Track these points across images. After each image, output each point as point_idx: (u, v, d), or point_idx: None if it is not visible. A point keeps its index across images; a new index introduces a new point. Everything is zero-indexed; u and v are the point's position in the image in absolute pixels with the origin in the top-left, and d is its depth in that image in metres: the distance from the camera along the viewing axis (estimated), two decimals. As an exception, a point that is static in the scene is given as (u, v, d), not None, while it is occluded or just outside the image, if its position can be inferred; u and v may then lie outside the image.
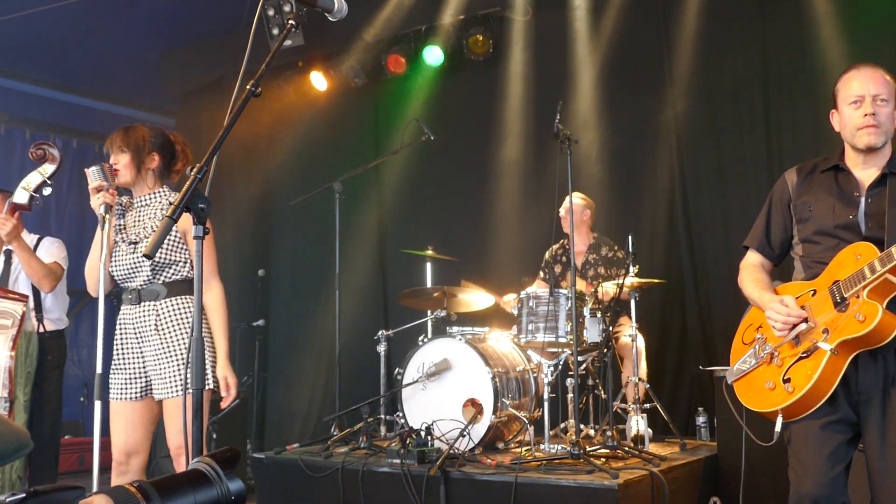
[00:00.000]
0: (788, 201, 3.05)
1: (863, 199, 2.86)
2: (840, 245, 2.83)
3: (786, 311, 2.83)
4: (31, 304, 4.81)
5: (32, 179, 4.16)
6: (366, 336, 6.31)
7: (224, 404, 3.56)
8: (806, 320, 2.80)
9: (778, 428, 2.77)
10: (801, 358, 2.76)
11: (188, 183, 2.07)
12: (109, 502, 1.07)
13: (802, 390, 2.69)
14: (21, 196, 4.16)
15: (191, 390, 2.13)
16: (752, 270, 3.13)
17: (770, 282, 3.07)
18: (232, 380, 3.50)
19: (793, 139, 5.81)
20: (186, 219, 2.17)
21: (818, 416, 2.73)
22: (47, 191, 4.20)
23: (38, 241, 4.94)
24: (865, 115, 2.84)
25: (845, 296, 2.72)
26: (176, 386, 3.45)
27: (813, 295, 2.86)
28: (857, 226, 2.84)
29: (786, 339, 2.82)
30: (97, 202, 3.46)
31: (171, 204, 3.57)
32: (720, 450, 4.81)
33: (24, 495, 1.01)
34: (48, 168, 4.16)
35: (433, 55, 7.19)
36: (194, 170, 2.09)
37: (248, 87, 2.20)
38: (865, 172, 2.92)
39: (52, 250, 4.89)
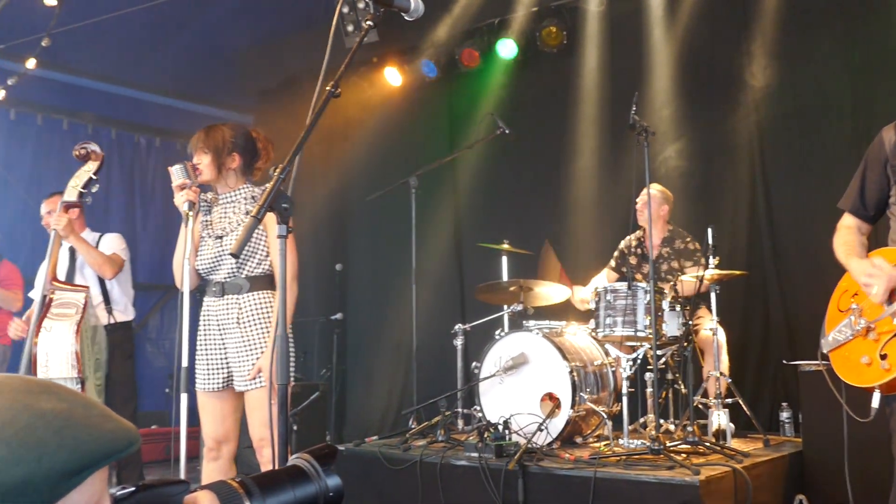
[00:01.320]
0: (885, 160, 2.91)
1: None
2: None
3: (885, 275, 2.72)
4: (101, 296, 5.03)
5: (80, 178, 4.37)
6: (442, 330, 6.33)
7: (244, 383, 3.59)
8: (893, 292, 2.68)
9: (875, 404, 2.69)
10: None
11: (271, 183, 2.11)
12: (213, 498, 1.09)
13: None
14: (70, 194, 4.37)
15: (276, 385, 2.18)
16: (844, 233, 3.02)
17: (862, 246, 2.96)
18: (265, 372, 3.53)
19: (879, 129, 5.61)
20: (269, 217, 2.22)
21: None
22: (94, 187, 4.40)
23: (100, 237, 5.14)
24: None
25: None
26: (256, 379, 3.52)
27: None
28: None
29: (883, 314, 2.71)
30: (180, 199, 3.54)
31: (254, 199, 3.68)
32: (806, 446, 4.70)
33: (133, 489, 1.04)
34: (92, 165, 4.38)
35: (507, 48, 7.17)
36: (277, 170, 2.13)
37: (327, 88, 2.22)
38: None
39: (111, 243, 5.09)
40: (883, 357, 2.66)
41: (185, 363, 3.42)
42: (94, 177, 4.37)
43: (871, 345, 2.72)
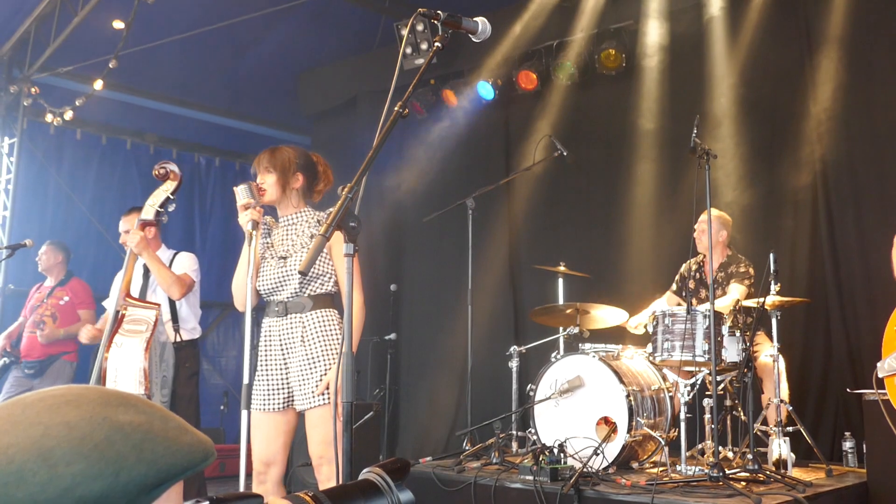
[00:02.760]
0: None
1: None
2: None
3: None
4: (169, 314, 5.10)
5: (157, 197, 4.45)
6: (497, 352, 6.32)
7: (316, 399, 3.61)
8: None
9: None
10: None
11: (340, 202, 2.14)
12: None
13: None
14: (148, 212, 4.46)
15: (340, 403, 2.19)
16: None
17: None
18: (331, 386, 3.56)
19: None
20: (335, 235, 2.25)
21: None
22: (171, 206, 4.49)
23: (174, 255, 5.22)
24: None
25: None
26: (319, 396, 3.54)
27: None
28: None
29: None
30: (245, 219, 3.58)
31: (318, 222, 3.72)
32: (870, 476, 4.58)
33: (207, 502, 1.05)
34: (170, 185, 4.46)
35: (565, 70, 7.18)
36: (345, 189, 2.16)
37: (396, 108, 2.25)
38: None
39: (184, 263, 5.16)
40: None
41: (245, 380, 3.46)
42: (171, 196, 4.46)
43: None
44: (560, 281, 5.98)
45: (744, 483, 4.26)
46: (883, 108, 5.79)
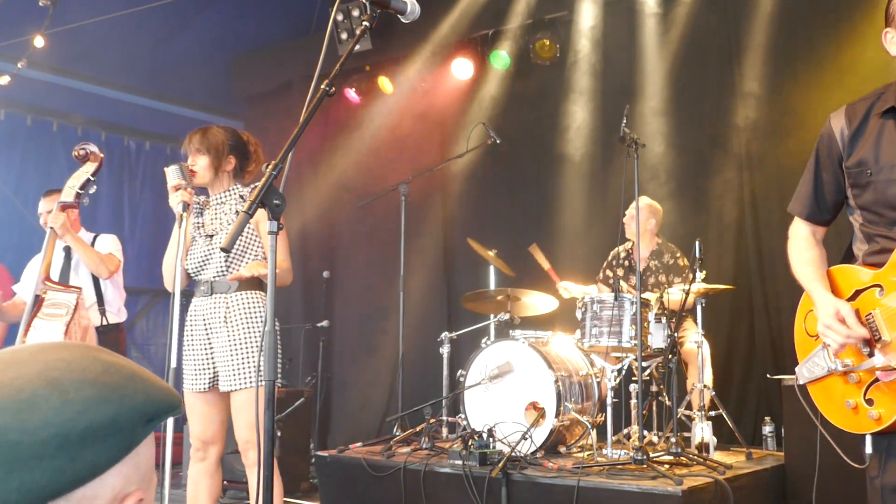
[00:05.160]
0: (839, 157, 2.41)
1: None
2: None
3: (845, 333, 2.26)
4: (94, 297, 5.00)
5: (77, 178, 4.36)
6: (429, 338, 6.35)
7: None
8: (869, 342, 2.25)
9: (869, 450, 2.30)
10: (879, 380, 2.24)
11: (263, 179, 2.12)
12: None
13: (890, 419, 2.19)
14: (68, 194, 4.37)
15: (262, 382, 2.18)
16: (802, 248, 2.54)
17: (823, 263, 2.51)
18: (257, 268, 3.54)
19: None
20: (260, 213, 2.23)
21: None
22: (92, 189, 4.42)
23: (95, 237, 5.13)
24: None
25: None
26: (242, 378, 3.52)
27: (880, 294, 2.26)
28: None
29: (862, 366, 2.28)
30: (175, 200, 3.53)
31: (243, 199, 3.69)
32: (788, 460, 4.72)
33: None
34: (91, 167, 4.39)
35: (499, 59, 7.22)
36: (269, 166, 2.14)
37: (322, 86, 2.24)
38: None
39: (107, 243, 5.08)
40: (869, 403, 2.25)
41: (173, 363, 3.42)
42: (91, 178, 4.37)
43: (853, 389, 2.31)
44: (492, 268, 6.02)
45: (667, 466, 4.35)
46: (806, 104, 5.94)
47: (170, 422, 3.40)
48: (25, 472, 0.87)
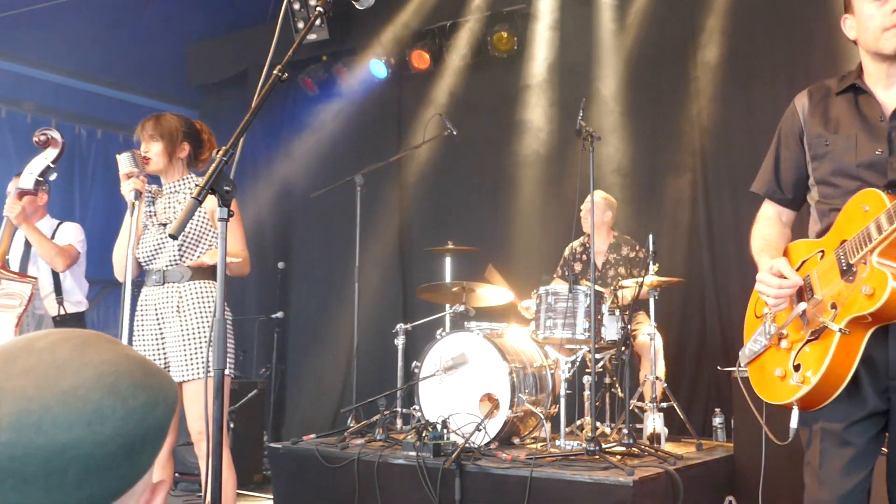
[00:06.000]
0: (800, 133, 2.51)
1: (889, 129, 2.31)
2: (863, 188, 2.27)
3: (776, 284, 2.32)
4: (52, 286, 4.90)
5: (37, 165, 4.25)
6: (384, 329, 6.33)
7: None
8: (802, 292, 2.31)
9: (794, 424, 2.30)
10: (809, 340, 2.26)
11: (213, 165, 2.10)
12: None
13: (814, 381, 2.20)
14: (27, 181, 4.26)
15: (211, 372, 2.16)
16: (762, 225, 2.65)
17: (780, 239, 2.59)
18: (209, 258, 3.48)
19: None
20: (213, 201, 2.20)
21: (840, 417, 2.26)
22: (53, 175, 4.31)
23: (58, 225, 5.02)
24: (893, 11, 2.24)
25: (851, 262, 2.19)
26: (194, 368, 3.48)
27: (821, 258, 2.33)
28: (885, 163, 2.28)
29: (790, 317, 2.33)
30: (127, 188, 3.48)
31: (196, 186, 3.64)
32: (736, 450, 4.79)
33: None
34: (51, 153, 4.26)
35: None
36: (220, 152, 2.12)
37: (275, 72, 2.22)
38: (889, 93, 2.35)
39: (69, 233, 4.97)
40: (796, 368, 2.28)
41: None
42: (51, 165, 4.25)
43: (783, 355, 2.35)
44: (448, 259, 6.02)
45: (619, 457, 4.39)
46: (760, 100, 6.02)
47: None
48: (95, 482, 0.87)
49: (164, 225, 3.61)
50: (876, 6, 2.28)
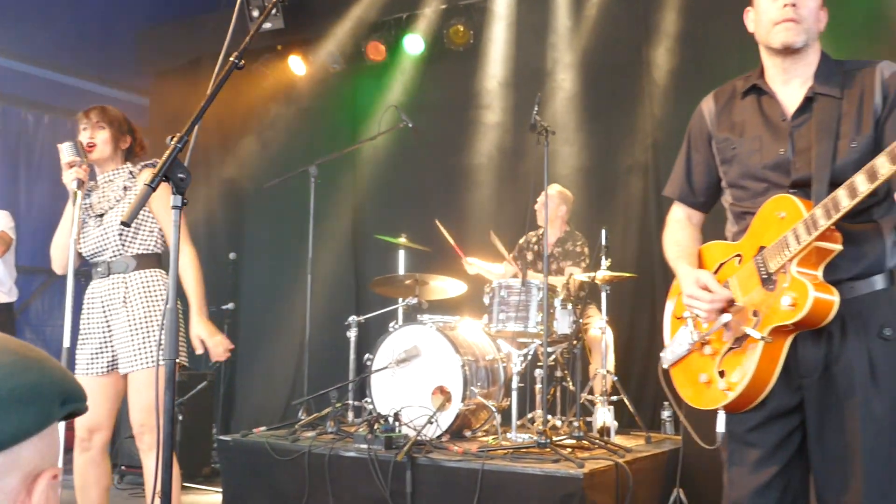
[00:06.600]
0: (709, 137, 2.52)
1: (791, 129, 2.32)
2: (770, 190, 2.31)
3: (708, 298, 2.32)
4: None
5: None
6: (336, 321, 6.30)
7: (213, 359, 3.54)
8: (732, 304, 2.31)
9: (721, 428, 2.34)
10: (732, 348, 2.29)
11: (167, 152, 2.06)
12: None
13: (739, 388, 2.23)
14: None
15: (163, 361, 2.13)
16: (674, 229, 2.65)
17: (695, 242, 2.59)
18: (209, 338, 3.46)
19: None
20: (160, 190, 2.17)
21: (740, 421, 2.33)
22: None
23: None
24: (785, 6, 2.28)
25: (771, 271, 2.21)
26: (142, 359, 3.43)
27: (739, 262, 2.35)
28: (789, 164, 2.29)
29: (714, 327, 2.35)
30: (69, 177, 3.45)
31: (131, 174, 3.60)
32: (684, 444, 4.86)
33: None
34: None
35: (413, 43, 7.20)
36: (174, 139, 2.08)
37: (231, 58, 2.19)
38: (788, 90, 2.37)
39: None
40: (721, 374, 2.30)
41: (66, 343, 3.31)
42: None
43: (707, 361, 2.36)
44: (401, 252, 6.01)
45: (569, 449, 4.43)
46: (712, 76, 6.07)
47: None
48: None
49: (101, 216, 3.56)
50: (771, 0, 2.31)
